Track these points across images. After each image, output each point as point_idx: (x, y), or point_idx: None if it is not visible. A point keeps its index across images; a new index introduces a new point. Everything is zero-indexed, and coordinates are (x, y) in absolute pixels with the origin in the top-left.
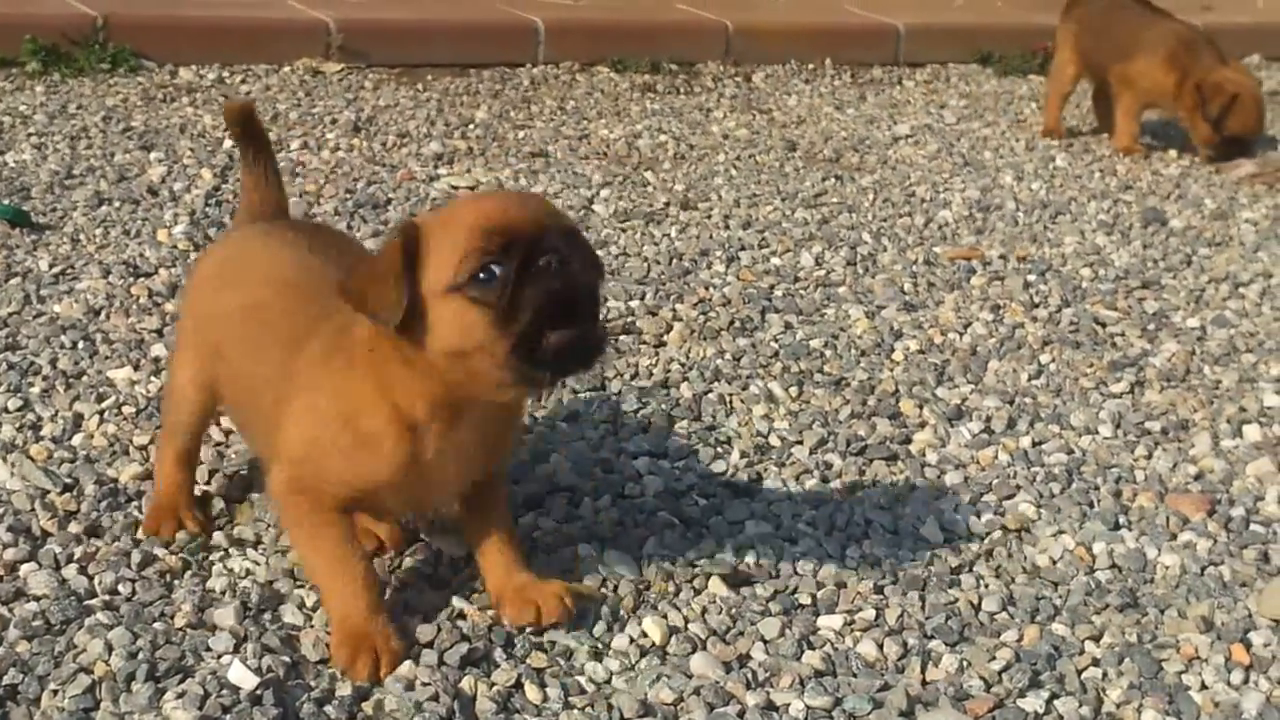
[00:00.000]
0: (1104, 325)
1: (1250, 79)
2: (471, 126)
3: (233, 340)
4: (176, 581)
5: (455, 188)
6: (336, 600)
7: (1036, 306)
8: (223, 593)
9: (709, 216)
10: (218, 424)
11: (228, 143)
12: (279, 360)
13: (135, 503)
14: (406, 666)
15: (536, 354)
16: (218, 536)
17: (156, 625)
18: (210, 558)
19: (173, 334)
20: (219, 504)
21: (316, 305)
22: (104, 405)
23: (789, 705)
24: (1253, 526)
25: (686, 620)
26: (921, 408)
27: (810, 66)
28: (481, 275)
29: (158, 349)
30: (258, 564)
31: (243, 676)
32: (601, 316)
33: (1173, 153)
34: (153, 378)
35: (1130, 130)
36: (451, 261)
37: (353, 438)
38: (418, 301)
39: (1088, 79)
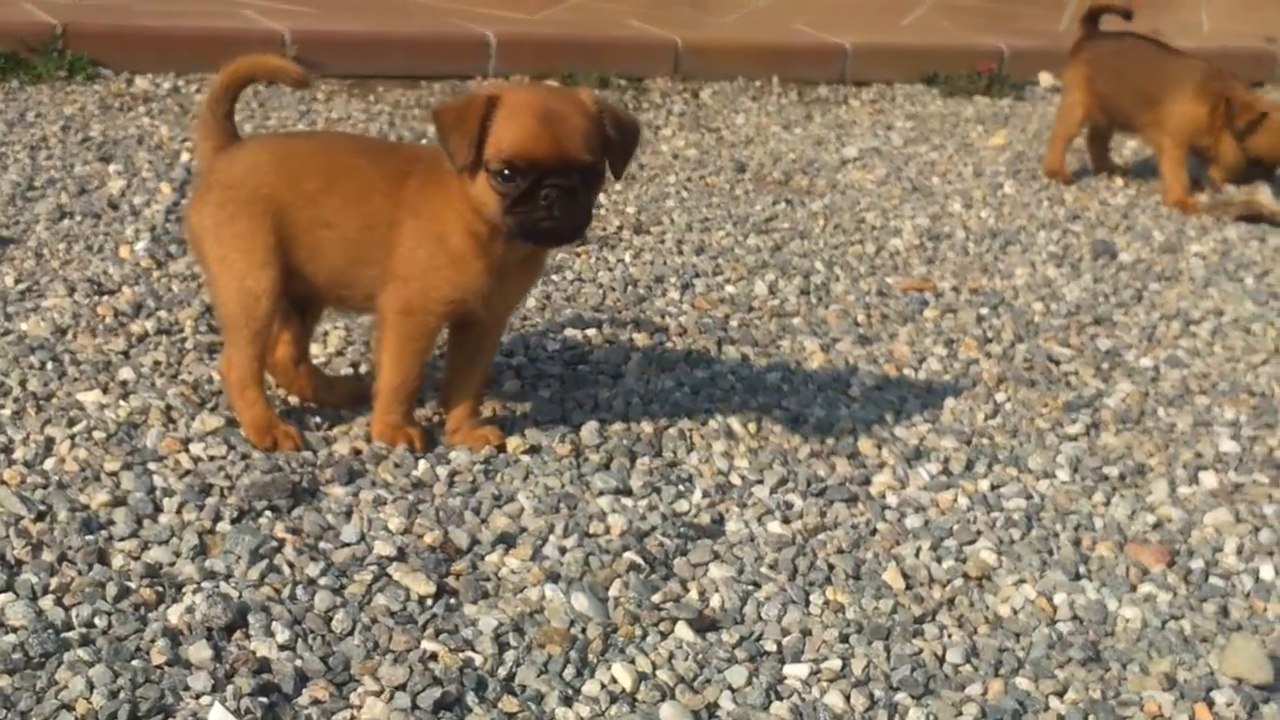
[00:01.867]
0: (1058, 363)
1: None
2: (423, 141)
3: (329, 209)
4: (151, 614)
5: None
6: (392, 400)
7: (990, 341)
8: (192, 629)
9: (662, 241)
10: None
11: (185, 156)
12: (384, 201)
13: (105, 530)
14: (381, 708)
15: (523, 232)
16: (188, 569)
17: (135, 662)
18: (183, 589)
19: (140, 354)
20: (192, 537)
21: (395, 159)
22: (75, 430)
23: None
24: (1212, 579)
25: (655, 666)
26: (880, 447)
27: (758, 84)
28: (506, 173)
29: (125, 371)
30: (228, 596)
31: (222, 718)
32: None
33: (1119, 181)
34: (121, 401)
35: (1181, 181)
36: (495, 153)
37: (449, 256)
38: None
39: (1103, 122)
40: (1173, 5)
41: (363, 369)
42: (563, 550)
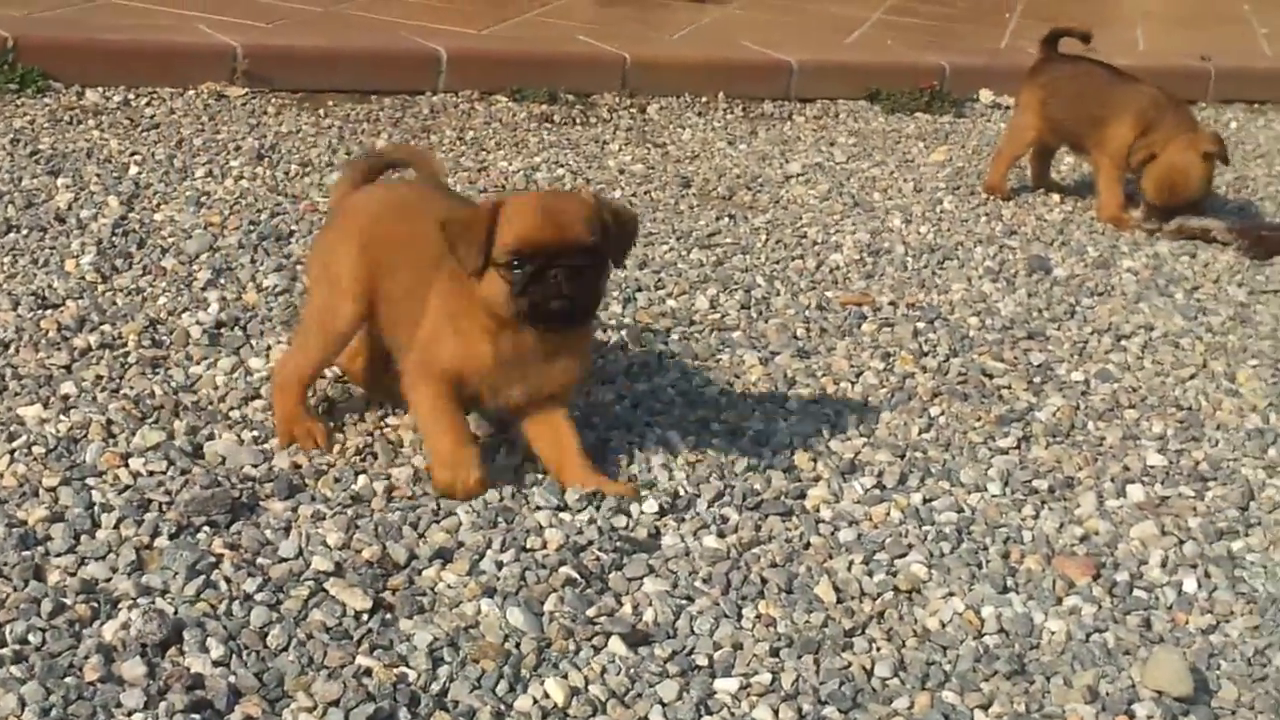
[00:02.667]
0: (991, 376)
1: (1195, 153)
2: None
3: (400, 261)
4: (86, 630)
5: None
6: (436, 442)
7: (926, 355)
8: (127, 646)
9: None
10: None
11: (133, 169)
12: (429, 276)
13: (42, 546)
14: None
15: (534, 315)
16: (125, 585)
17: (68, 680)
18: (118, 604)
19: (82, 369)
20: (130, 552)
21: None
22: (14, 445)
23: None
24: (1136, 592)
25: (587, 681)
26: (816, 461)
27: (704, 99)
28: (514, 264)
29: (67, 386)
30: (164, 612)
31: None
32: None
33: (1055, 197)
34: (62, 416)
35: (1116, 198)
36: (502, 248)
37: (455, 331)
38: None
39: (1054, 144)
40: (1110, 23)
41: None
42: (499, 565)
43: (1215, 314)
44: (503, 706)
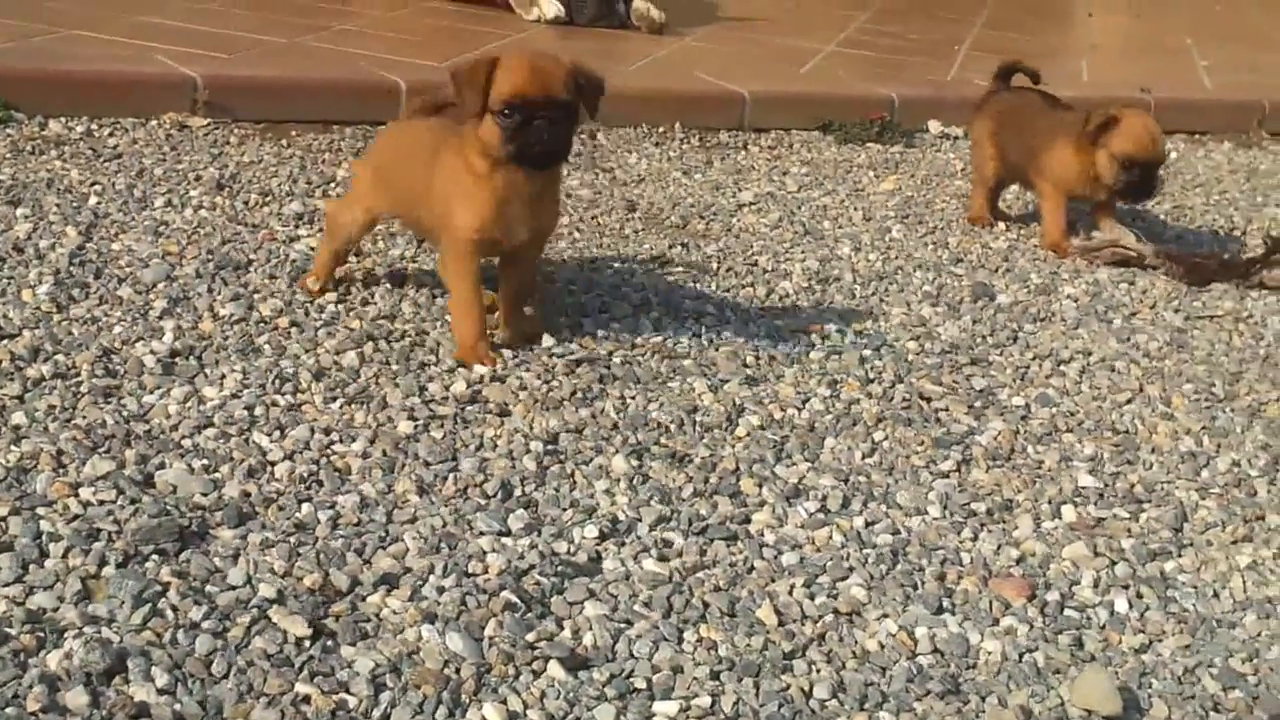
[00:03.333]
0: (929, 400)
1: (1145, 112)
2: (333, 185)
3: (412, 171)
4: (31, 660)
5: (314, 249)
6: (462, 330)
7: (871, 382)
8: (71, 675)
9: (552, 282)
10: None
11: (93, 199)
12: (435, 166)
13: None
14: None
15: (520, 156)
16: (71, 614)
17: (9, 710)
18: (64, 634)
19: (35, 399)
20: (76, 582)
21: (448, 141)
22: None
23: None
24: (1068, 611)
25: (526, 705)
26: (761, 486)
27: (660, 130)
28: (506, 111)
29: (18, 416)
30: (109, 641)
31: None
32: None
33: (1001, 225)
34: (13, 446)
35: (1059, 226)
36: (497, 98)
37: (463, 186)
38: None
39: (1004, 175)
40: (1056, 55)
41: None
42: (441, 590)
43: (1152, 339)
44: None
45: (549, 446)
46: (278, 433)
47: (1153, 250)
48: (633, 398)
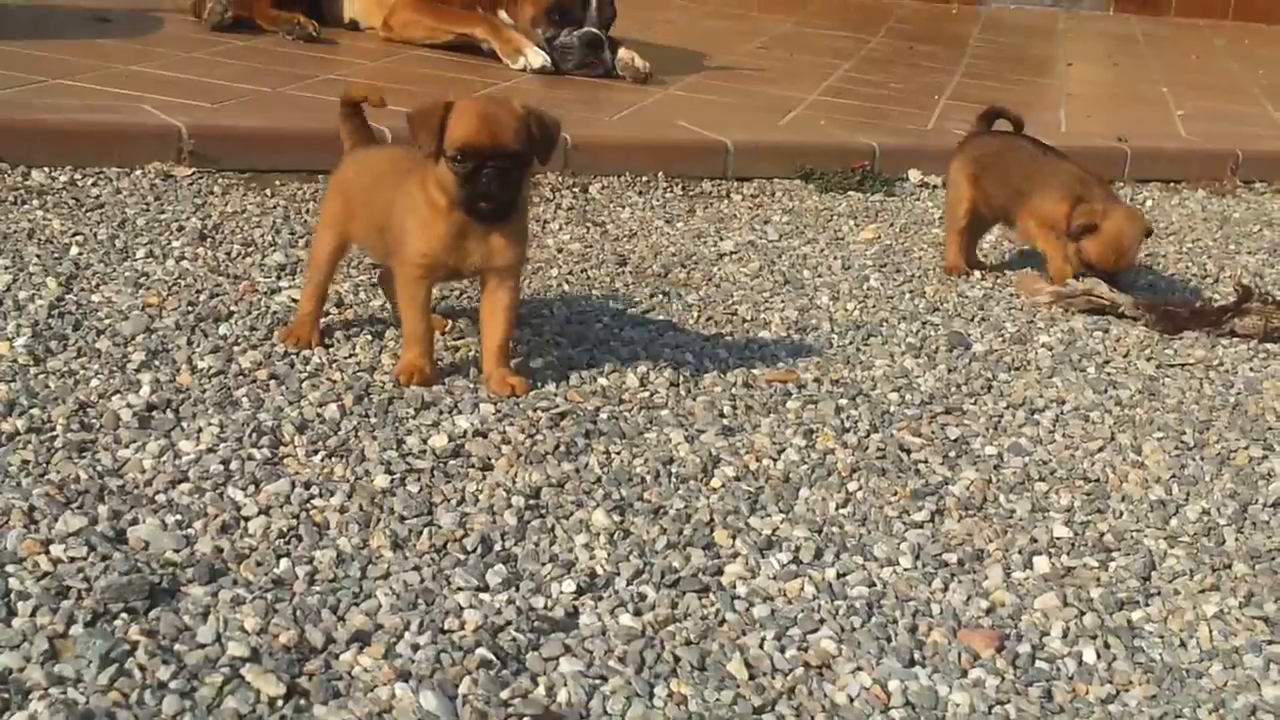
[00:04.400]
0: (909, 451)
1: (1129, 222)
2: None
3: (375, 197)
4: None
5: (296, 300)
6: (407, 348)
7: (847, 431)
8: None
9: (540, 334)
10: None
11: (74, 250)
12: (396, 193)
13: None
14: None
15: (469, 205)
16: (37, 674)
17: None
18: (29, 695)
19: (9, 454)
20: (43, 641)
21: (410, 171)
22: None
23: None
24: (1038, 663)
25: None
26: (734, 538)
27: (644, 179)
28: (459, 158)
29: None
30: (74, 702)
31: None
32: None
33: (977, 274)
34: None
35: (1061, 255)
36: (449, 144)
37: (420, 215)
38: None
39: (986, 217)
40: (1034, 105)
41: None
42: (416, 648)
43: (1124, 388)
44: None
45: (530, 501)
46: (253, 487)
47: (1127, 300)
48: (617, 453)
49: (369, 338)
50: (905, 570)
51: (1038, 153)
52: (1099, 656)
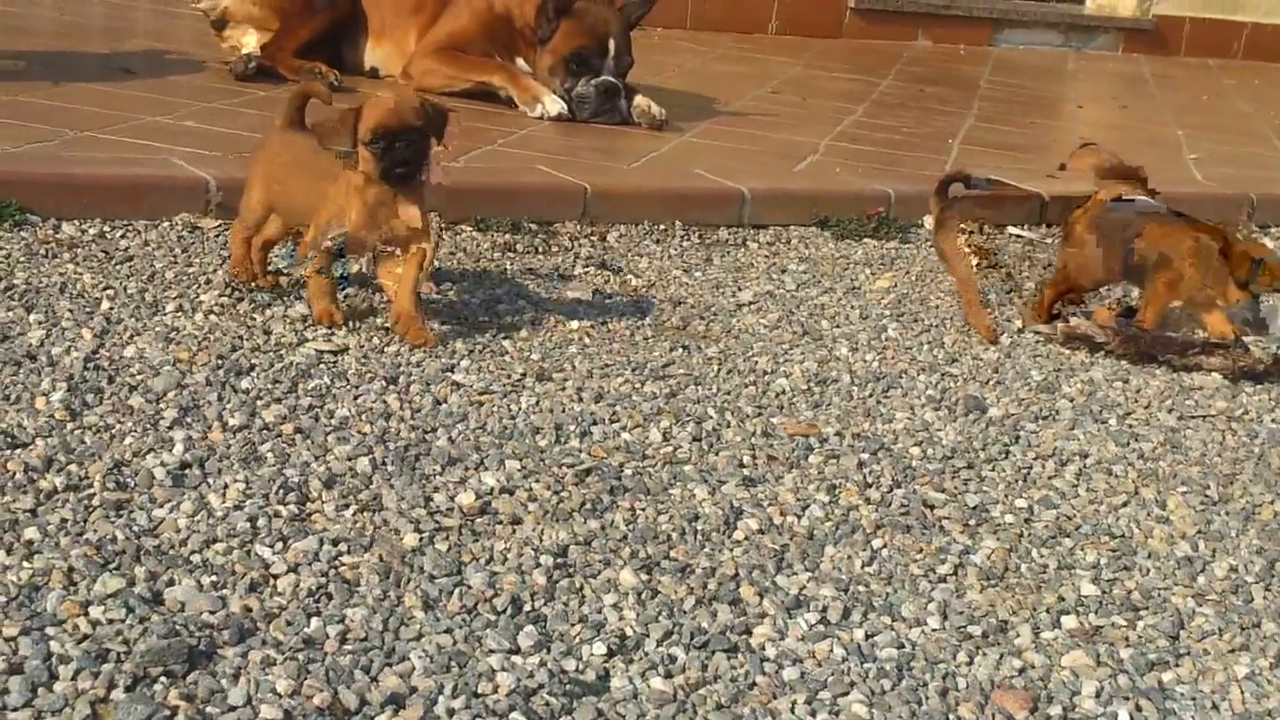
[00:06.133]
0: (932, 508)
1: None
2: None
3: (290, 175)
4: None
5: (321, 353)
6: (319, 301)
7: (870, 487)
8: None
9: (563, 389)
10: None
11: (105, 304)
12: (317, 174)
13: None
14: None
15: (387, 174)
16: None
17: None
18: None
19: (47, 512)
20: (85, 706)
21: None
22: None
23: None
24: None
25: None
26: (762, 596)
27: (661, 228)
28: (373, 141)
29: (31, 531)
30: None
31: None
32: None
33: (1018, 323)
34: (25, 562)
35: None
36: (365, 131)
37: (343, 196)
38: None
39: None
40: (1047, 149)
41: None
42: (451, 712)
43: (1147, 440)
44: None
45: (558, 560)
46: (281, 544)
47: (1098, 329)
48: (643, 509)
49: (387, 388)
50: (934, 631)
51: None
52: (1133, 718)
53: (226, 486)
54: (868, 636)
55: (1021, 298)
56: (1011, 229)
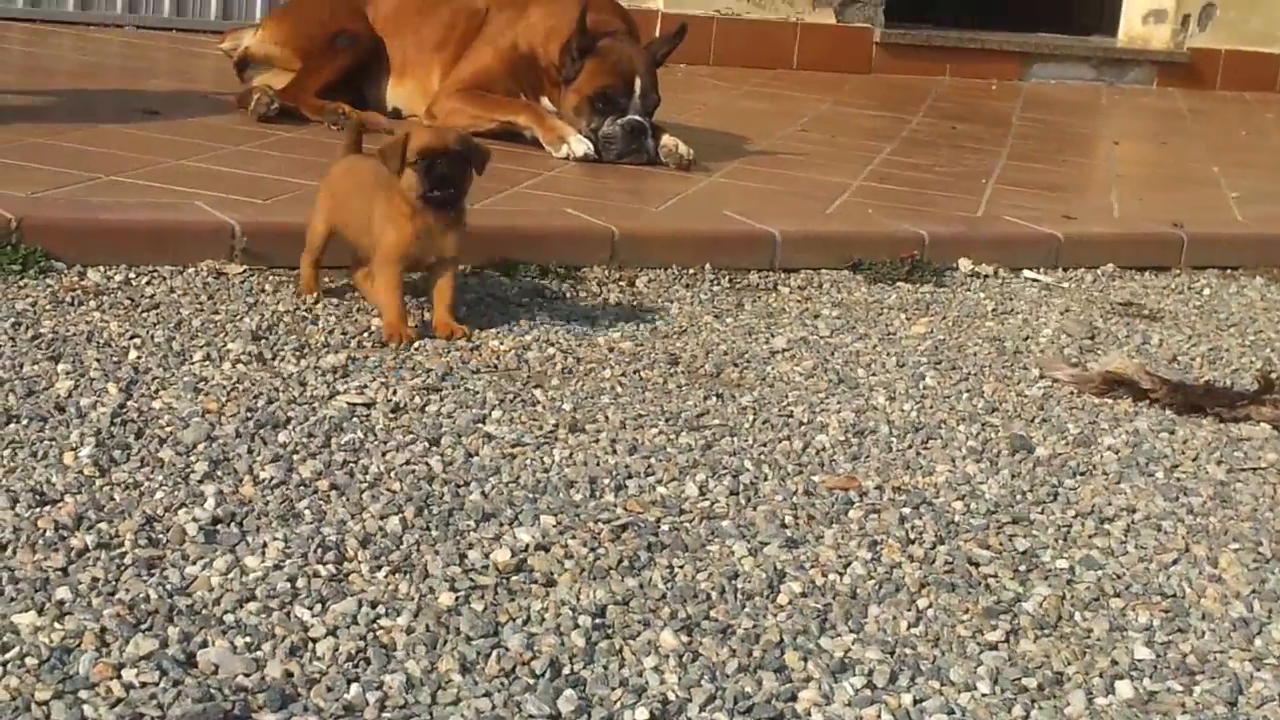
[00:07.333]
0: (977, 565)
1: None
2: (367, 335)
3: (354, 196)
4: None
5: (353, 405)
6: (387, 312)
7: (912, 543)
8: None
9: (596, 440)
10: None
11: (132, 354)
12: (374, 196)
13: None
14: None
15: (429, 197)
16: None
17: None
18: None
19: (79, 570)
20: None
21: (380, 177)
22: (7, 656)
23: None
24: None
25: None
26: (806, 660)
27: (691, 272)
28: (418, 160)
29: (62, 591)
30: None
31: None
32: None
33: (1035, 371)
34: (57, 623)
35: None
36: (412, 153)
37: (396, 215)
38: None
39: None
40: (1084, 189)
41: None
42: None
43: (1196, 494)
44: None
45: (597, 620)
46: (319, 606)
47: (1145, 375)
48: (681, 566)
49: (418, 441)
50: (984, 695)
51: None
52: None
53: (265, 545)
54: (916, 702)
55: (1039, 344)
56: (1027, 272)
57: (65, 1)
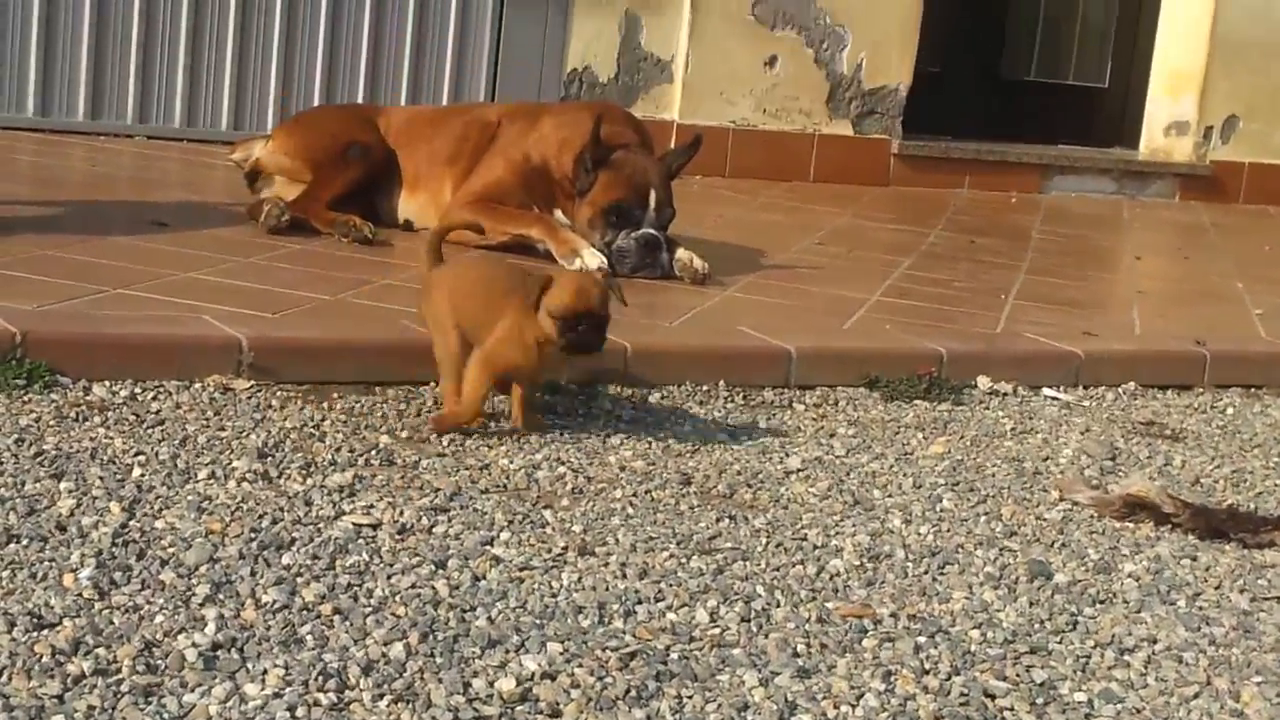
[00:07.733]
0: (993, 697)
1: None
2: (375, 453)
3: (477, 301)
4: None
5: (359, 526)
6: (466, 407)
7: (927, 674)
8: None
9: (606, 564)
10: None
11: (136, 471)
12: (496, 307)
13: None
14: None
15: (571, 347)
16: None
17: None
18: None
19: (75, 698)
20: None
21: (514, 288)
22: None
23: None
24: None
25: None
26: None
27: (704, 388)
28: (559, 317)
29: (58, 719)
30: None
31: None
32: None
33: (1054, 494)
34: None
35: None
36: (555, 306)
37: (520, 341)
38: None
39: None
40: (1105, 304)
41: None
42: None
43: (1218, 624)
44: None
45: None
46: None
47: (1167, 499)
48: (690, 696)
49: (424, 563)
50: None
51: None
52: None
53: (266, 672)
54: None
55: (1059, 465)
56: (1047, 390)
57: (75, 111)
